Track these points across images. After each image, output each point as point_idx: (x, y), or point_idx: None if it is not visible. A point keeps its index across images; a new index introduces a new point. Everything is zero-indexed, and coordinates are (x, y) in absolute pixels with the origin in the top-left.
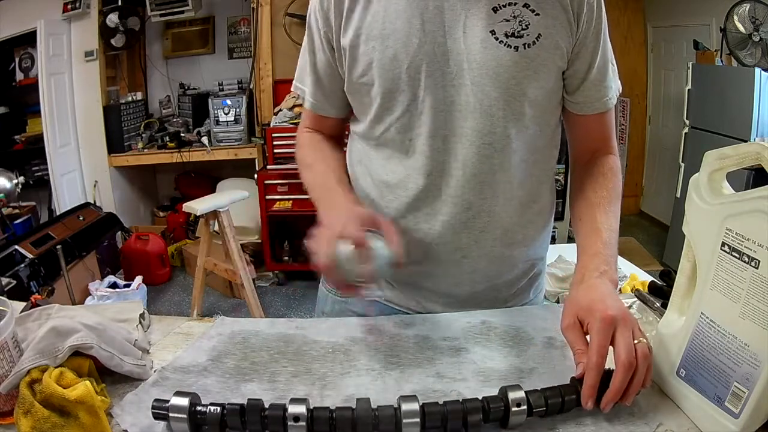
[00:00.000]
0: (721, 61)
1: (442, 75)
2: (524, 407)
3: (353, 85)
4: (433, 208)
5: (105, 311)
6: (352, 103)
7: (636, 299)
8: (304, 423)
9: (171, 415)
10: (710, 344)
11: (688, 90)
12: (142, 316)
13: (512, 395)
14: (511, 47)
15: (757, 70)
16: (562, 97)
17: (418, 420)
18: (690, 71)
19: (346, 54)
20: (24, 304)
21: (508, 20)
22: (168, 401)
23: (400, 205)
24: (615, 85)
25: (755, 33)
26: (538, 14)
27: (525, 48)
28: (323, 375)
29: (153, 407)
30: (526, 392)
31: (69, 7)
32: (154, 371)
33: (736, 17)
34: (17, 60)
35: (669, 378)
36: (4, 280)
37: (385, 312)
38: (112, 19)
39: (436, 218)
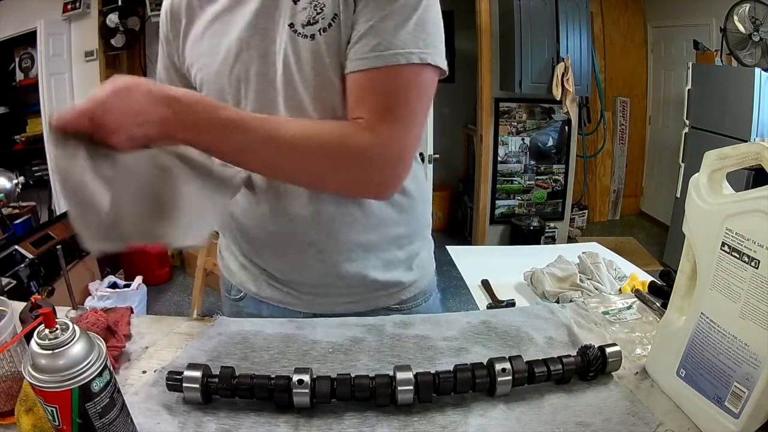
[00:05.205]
0: (721, 61)
1: (265, 79)
2: (509, 377)
3: None
4: (277, 204)
5: None
6: None
7: (636, 299)
8: (307, 390)
9: (185, 385)
10: (710, 344)
11: (688, 90)
12: None
13: (498, 365)
14: (307, 37)
15: (757, 70)
16: None
17: (411, 387)
18: (690, 71)
19: (190, 75)
20: (24, 304)
21: (305, 8)
22: (182, 373)
23: (247, 205)
24: (394, 43)
25: (755, 33)
26: None
27: (320, 33)
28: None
29: (167, 379)
30: (509, 358)
31: (69, 7)
32: (155, 371)
33: (736, 17)
34: (17, 60)
35: (669, 378)
36: (4, 280)
37: (274, 313)
38: (112, 19)
39: (278, 209)
